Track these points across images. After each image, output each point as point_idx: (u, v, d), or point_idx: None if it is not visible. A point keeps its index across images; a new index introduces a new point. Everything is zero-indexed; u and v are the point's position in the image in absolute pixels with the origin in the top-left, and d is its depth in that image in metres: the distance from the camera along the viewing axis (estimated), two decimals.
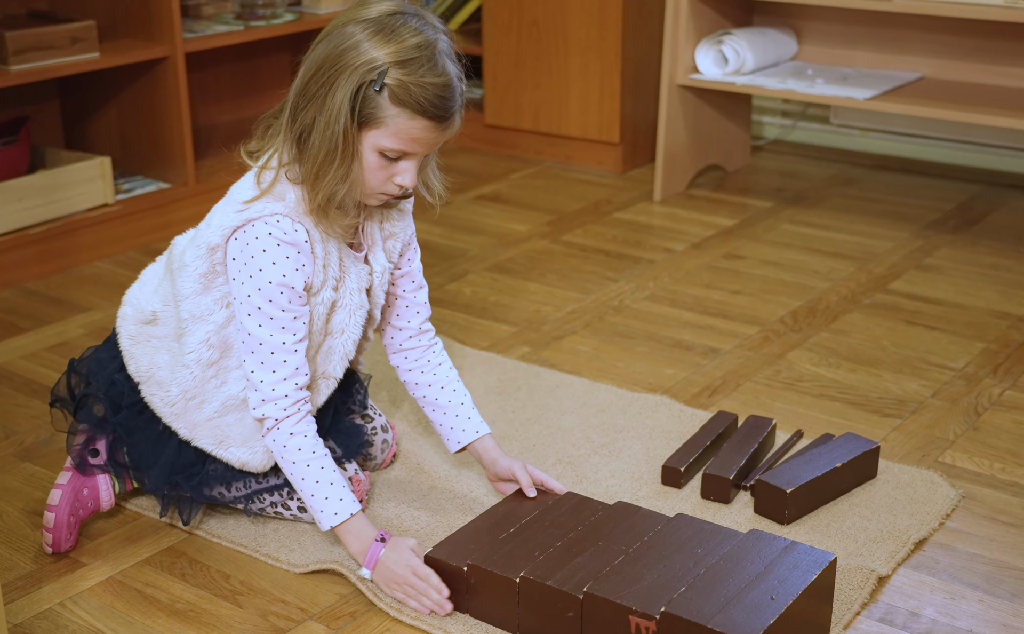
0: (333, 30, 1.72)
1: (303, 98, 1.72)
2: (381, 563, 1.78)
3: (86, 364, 2.00)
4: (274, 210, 1.75)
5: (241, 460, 1.92)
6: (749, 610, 1.60)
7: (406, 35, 1.69)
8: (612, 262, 3.13)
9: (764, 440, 2.16)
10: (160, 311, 1.91)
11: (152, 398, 1.92)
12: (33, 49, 3.03)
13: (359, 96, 1.68)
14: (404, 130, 1.71)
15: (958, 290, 2.91)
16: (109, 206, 3.19)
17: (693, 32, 3.52)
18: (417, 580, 1.76)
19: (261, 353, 1.78)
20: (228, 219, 1.78)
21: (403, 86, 1.68)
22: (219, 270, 1.82)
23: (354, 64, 1.67)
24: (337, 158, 1.70)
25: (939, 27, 3.46)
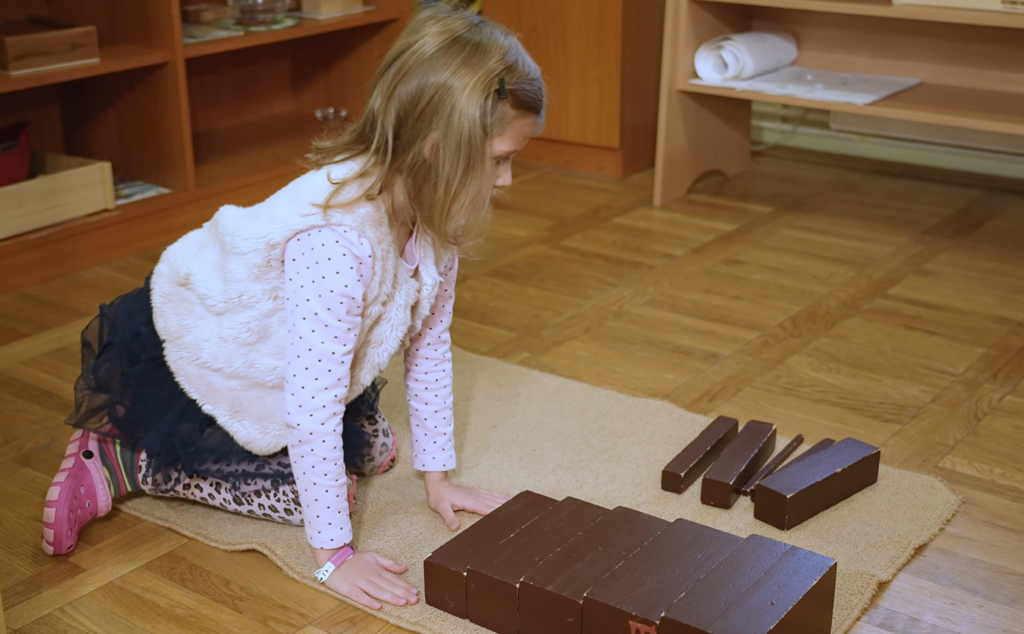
0: (426, 57, 1.72)
1: (417, 124, 1.72)
2: (351, 561, 1.84)
3: (115, 311, 2.00)
4: (342, 220, 1.75)
5: (249, 437, 1.92)
6: (749, 615, 1.60)
7: (496, 42, 1.73)
8: (612, 267, 3.13)
9: (764, 445, 2.16)
10: (195, 276, 1.90)
11: (177, 359, 1.92)
12: (33, 54, 3.03)
13: (486, 108, 1.70)
14: (519, 130, 1.76)
15: (958, 295, 2.91)
16: (109, 211, 3.19)
17: (693, 37, 3.52)
18: (387, 574, 1.84)
19: (308, 358, 1.78)
20: (293, 220, 1.77)
21: (520, 88, 1.73)
22: (274, 265, 1.82)
23: (473, 78, 1.69)
24: (473, 174, 1.72)
25: (938, 32, 3.46)
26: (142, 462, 1.99)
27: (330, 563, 1.84)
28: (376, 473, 2.14)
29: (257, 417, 1.92)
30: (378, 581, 1.82)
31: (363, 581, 1.82)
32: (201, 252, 1.93)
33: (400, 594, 1.80)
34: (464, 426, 2.31)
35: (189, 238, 1.99)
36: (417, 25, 1.76)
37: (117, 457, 1.99)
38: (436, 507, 2.04)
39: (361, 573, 1.83)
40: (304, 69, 4.13)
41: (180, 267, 1.92)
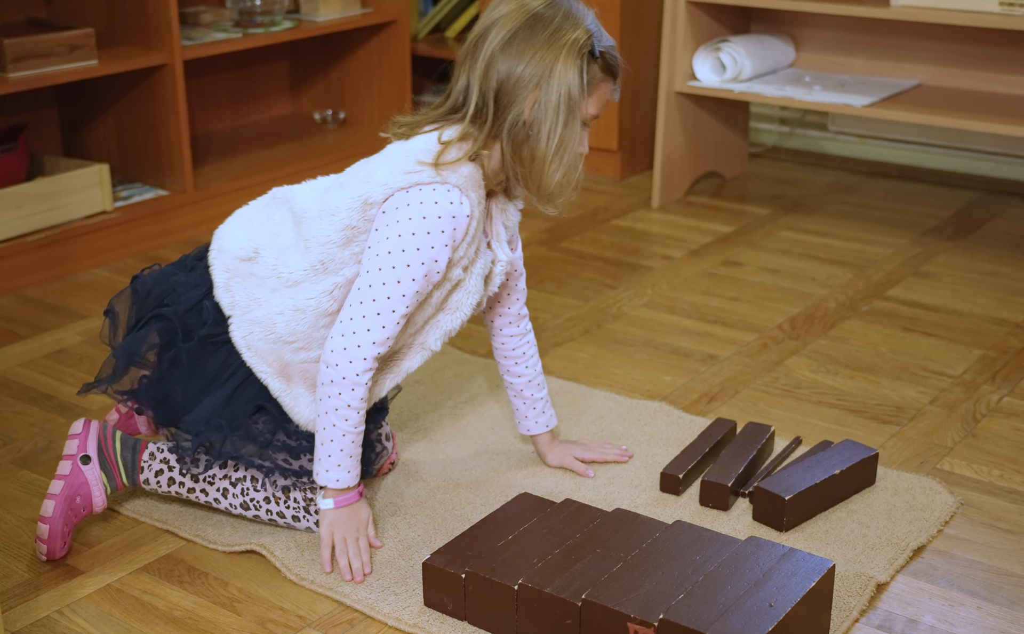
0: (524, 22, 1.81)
1: (517, 87, 1.81)
2: (349, 509, 1.88)
3: (161, 284, 1.98)
4: (447, 179, 1.81)
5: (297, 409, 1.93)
6: (747, 617, 1.60)
7: (582, 11, 1.85)
8: (610, 269, 3.13)
9: (763, 447, 2.16)
10: (265, 249, 1.91)
11: (247, 334, 1.91)
12: (32, 57, 3.03)
13: (584, 68, 1.82)
14: (603, 94, 1.88)
15: (956, 297, 2.91)
16: (107, 213, 3.19)
17: (691, 39, 3.52)
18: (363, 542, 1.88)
19: (369, 308, 1.82)
20: (395, 179, 1.81)
21: (608, 52, 1.86)
22: (366, 227, 1.84)
23: (567, 40, 1.81)
24: (571, 130, 1.82)
25: (937, 34, 3.46)
26: (143, 463, 1.99)
27: (332, 500, 1.88)
28: (375, 475, 2.14)
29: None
30: (352, 545, 1.87)
31: (340, 536, 1.87)
32: (265, 226, 1.93)
33: (356, 568, 1.86)
34: (463, 427, 2.31)
35: (240, 216, 1.99)
36: (497, 2, 1.87)
37: (116, 457, 1.98)
38: (560, 464, 2.16)
39: (344, 527, 1.88)
40: (302, 71, 4.13)
41: (243, 242, 1.93)
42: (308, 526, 1.96)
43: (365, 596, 1.82)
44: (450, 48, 4.21)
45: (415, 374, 2.47)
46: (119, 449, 1.98)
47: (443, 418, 2.34)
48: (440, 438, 2.28)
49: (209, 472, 1.97)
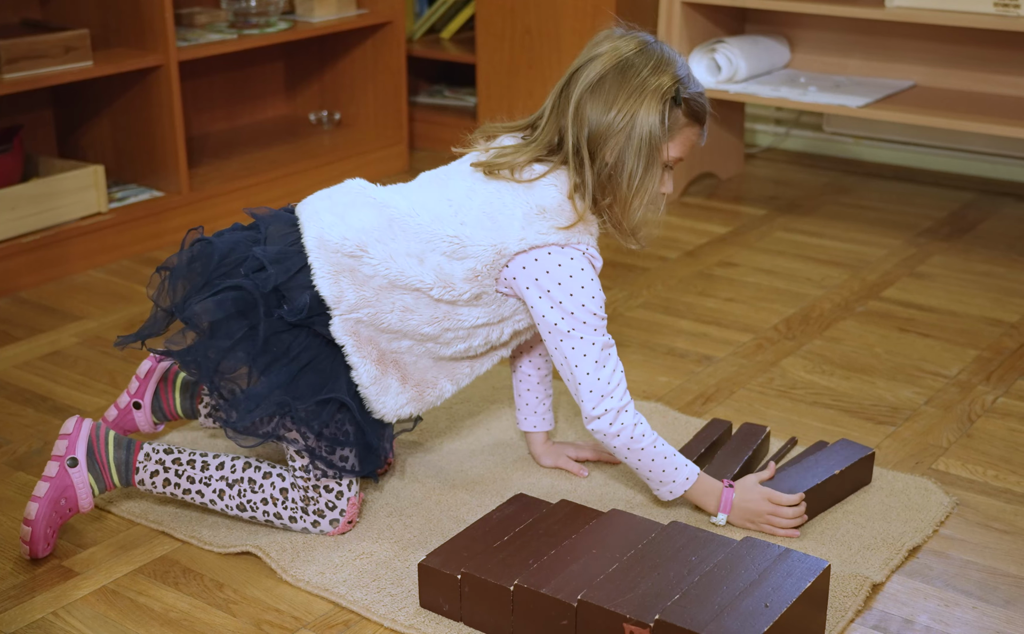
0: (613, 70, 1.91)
1: (607, 135, 1.89)
2: (736, 506, 1.97)
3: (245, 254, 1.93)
4: (581, 240, 1.93)
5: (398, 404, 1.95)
6: (743, 618, 1.60)
7: (671, 57, 1.93)
8: (606, 269, 3.12)
9: (758, 448, 2.16)
10: (369, 247, 1.90)
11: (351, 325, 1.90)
12: (26, 58, 3.03)
13: (665, 113, 1.89)
14: (688, 138, 1.96)
15: (951, 297, 2.91)
16: (102, 215, 3.19)
17: (686, 40, 3.52)
18: (774, 506, 1.95)
19: (595, 353, 1.92)
20: (531, 236, 1.90)
21: (693, 99, 1.93)
22: (493, 272, 1.91)
23: (652, 87, 1.89)
24: (653, 176, 1.91)
25: (931, 35, 3.47)
26: (139, 464, 1.98)
27: (721, 513, 1.97)
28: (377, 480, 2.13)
29: (419, 383, 1.98)
30: (771, 519, 1.96)
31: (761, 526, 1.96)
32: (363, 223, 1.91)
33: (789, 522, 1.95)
34: (460, 429, 2.31)
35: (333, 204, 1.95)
36: (600, 40, 1.97)
37: (108, 458, 1.97)
38: (555, 464, 2.18)
39: (755, 516, 1.96)
40: (298, 72, 4.13)
41: (348, 236, 1.90)
42: (305, 526, 1.96)
43: (361, 597, 1.82)
44: (445, 49, 4.21)
45: None
46: (111, 450, 1.97)
47: (439, 419, 2.34)
48: (436, 439, 2.28)
49: (206, 474, 1.97)
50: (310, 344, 1.92)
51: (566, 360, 1.92)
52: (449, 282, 1.90)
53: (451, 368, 2.00)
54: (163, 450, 1.99)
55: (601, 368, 1.91)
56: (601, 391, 1.91)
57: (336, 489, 1.95)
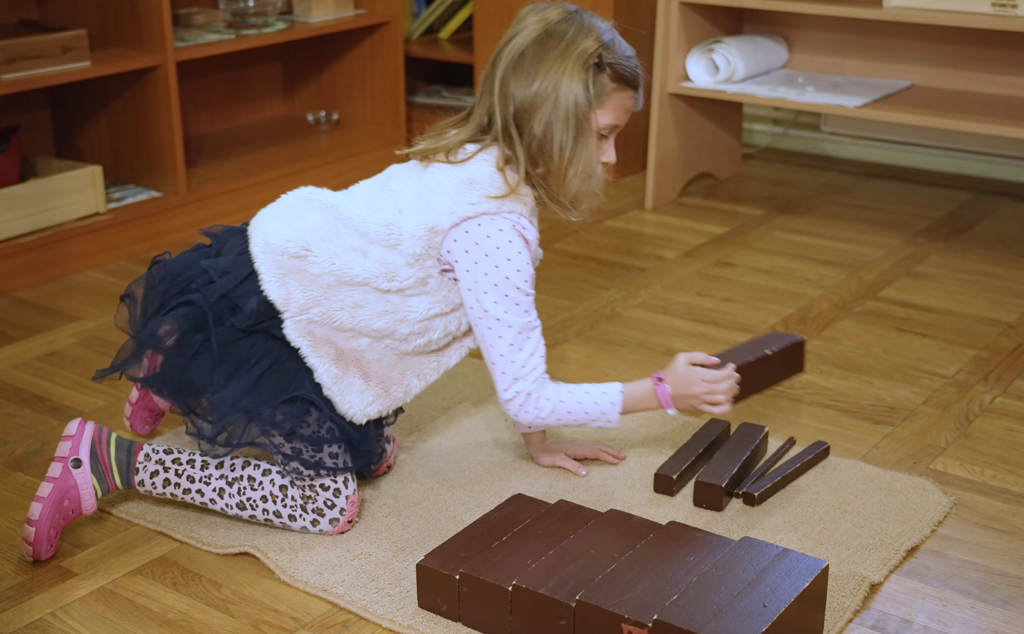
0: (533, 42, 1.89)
1: (532, 108, 1.89)
2: (676, 398, 1.97)
3: (197, 269, 1.97)
4: (513, 208, 1.91)
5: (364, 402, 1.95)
6: (741, 617, 1.60)
7: (595, 23, 1.91)
8: (604, 270, 3.13)
9: (756, 448, 2.17)
10: (313, 246, 1.91)
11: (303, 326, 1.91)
12: (24, 58, 3.03)
13: (588, 80, 1.87)
14: (620, 103, 1.93)
15: (949, 297, 2.92)
16: (100, 215, 3.19)
17: (684, 40, 3.52)
18: (710, 383, 1.96)
19: (511, 335, 1.91)
20: (462, 208, 1.89)
21: (618, 62, 1.91)
22: (432, 252, 1.90)
23: (574, 54, 1.87)
24: (583, 144, 1.90)
25: (929, 35, 3.47)
26: (139, 465, 1.98)
27: (670, 410, 1.98)
28: (372, 478, 2.14)
29: (382, 379, 1.97)
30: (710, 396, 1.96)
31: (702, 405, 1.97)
32: (309, 226, 1.93)
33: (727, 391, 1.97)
34: (458, 428, 2.31)
35: (280, 211, 1.98)
36: (523, 15, 1.94)
37: (110, 460, 1.98)
38: (552, 463, 2.17)
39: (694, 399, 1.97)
40: (295, 72, 4.13)
41: (292, 237, 1.92)
42: (304, 525, 1.96)
43: (359, 597, 1.82)
44: (443, 49, 4.21)
45: None
46: (113, 452, 1.98)
47: (437, 419, 2.34)
48: (434, 439, 2.28)
49: (205, 472, 1.97)
50: (271, 348, 1.94)
51: (483, 338, 1.93)
52: (392, 271, 1.91)
53: (416, 363, 2.01)
54: (163, 450, 1.99)
55: (517, 351, 1.91)
56: (515, 374, 1.92)
57: (333, 487, 1.95)
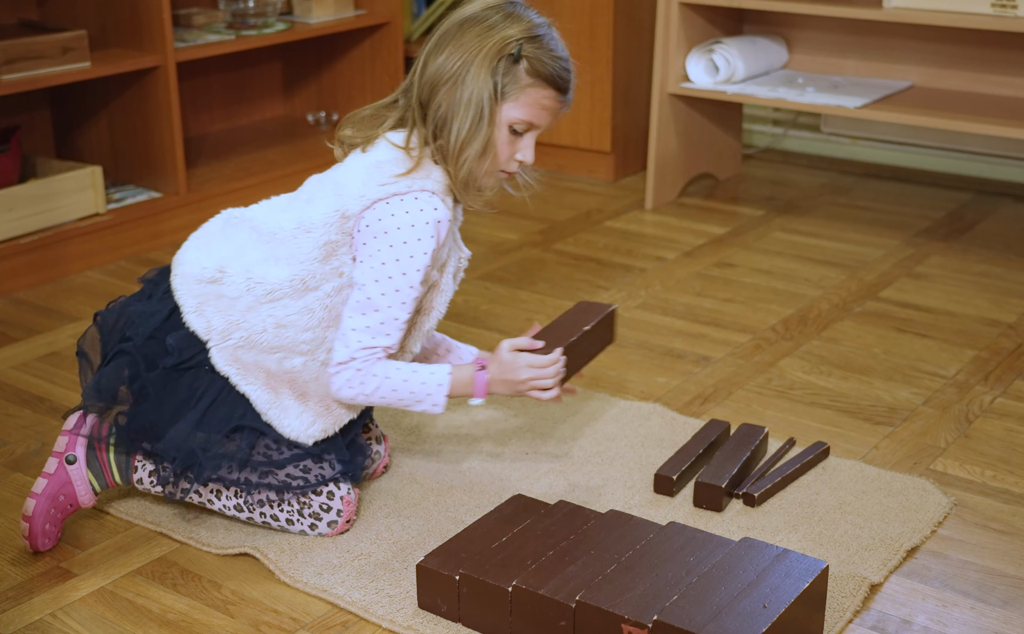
0: (457, 22, 1.85)
1: (439, 81, 1.84)
2: (498, 381, 1.91)
3: (120, 317, 1.98)
4: (423, 185, 1.85)
5: (304, 424, 1.93)
6: (741, 618, 1.60)
7: (529, 16, 1.87)
8: (603, 270, 3.13)
9: (756, 448, 2.17)
10: (231, 267, 1.90)
11: (229, 353, 1.90)
12: (24, 58, 3.03)
13: (499, 69, 1.83)
14: (535, 100, 1.86)
15: (949, 298, 2.92)
16: (100, 215, 3.19)
17: (684, 41, 3.52)
18: (537, 369, 1.89)
19: (372, 318, 1.86)
20: (371, 190, 1.84)
21: (537, 58, 1.85)
22: (344, 240, 1.86)
23: (491, 40, 1.83)
24: (481, 131, 1.83)
25: (929, 36, 3.47)
26: (138, 463, 1.98)
27: (477, 398, 1.92)
28: (369, 479, 2.14)
29: (320, 398, 1.94)
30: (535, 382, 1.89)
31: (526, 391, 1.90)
32: (225, 247, 1.93)
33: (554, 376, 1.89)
34: (457, 428, 2.31)
35: (198, 239, 1.99)
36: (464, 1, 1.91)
37: (109, 457, 1.98)
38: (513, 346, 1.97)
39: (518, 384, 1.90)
40: (295, 73, 4.13)
41: (205, 263, 1.92)
42: (302, 529, 1.96)
43: (359, 598, 1.82)
44: None
45: None
46: (112, 453, 1.98)
47: (437, 419, 2.34)
48: (434, 439, 2.28)
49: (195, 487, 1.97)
50: (213, 381, 1.93)
51: (348, 305, 1.87)
52: (306, 271, 1.87)
53: None
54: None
55: (370, 336, 1.86)
56: (353, 353, 1.86)
57: (326, 490, 1.95)
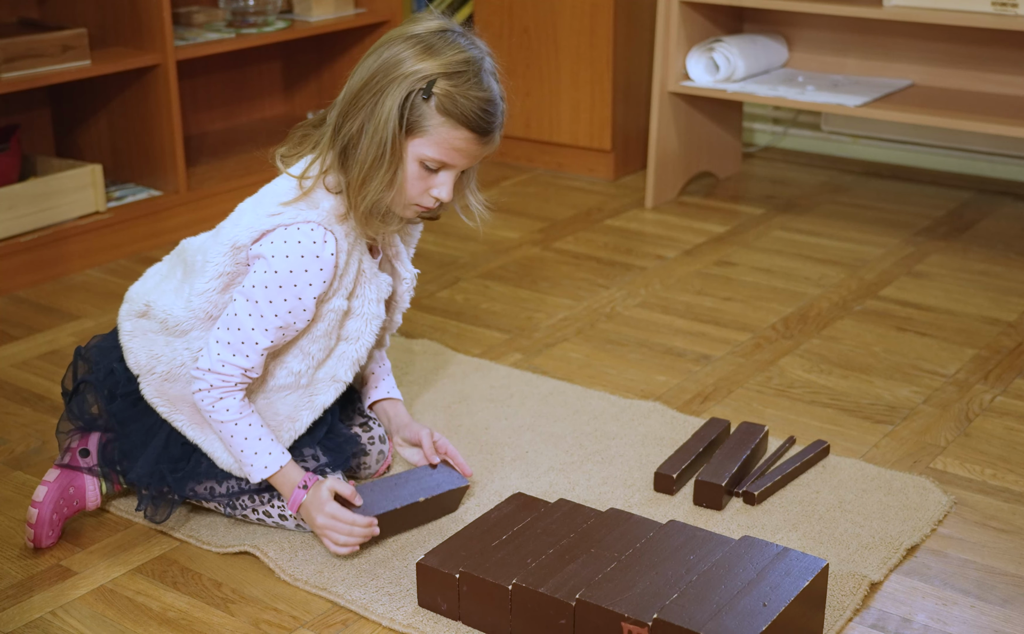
0: (382, 45, 1.78)
1: (352, 108, 1.77)
2: (303, 508, 1.86)
3: (91, 352, 2.02)
4: (308, 217, 1.80)
5: (217, 453, 1.93)
6: (741, 617, 1.60)
7: (454, 51, 1.77)
8: (604, 269, 3.13)
9: (756, 447, 2.17)
10: (155, 303, 1.92)
11: (155, 389, 1.92)
12: (24, 57, 3.03)
13: (408, 103, 1.75)
14: (446, 140, 1.77)
15: (949, 296, 2.92)
16: (100, 214, 3.19)
17: (684, 39, 3.52)
18: (332, 522, 1.83)
19: (234, 335, 1.83)
20: (260, 221, 1.81)
21: (450, 96, 1.75)
22: (241, 270, 1.85)
23: (404, 73, 1.75)
24: (384, 163, 1.76)
25: (929, 34, 3.47)
26: None
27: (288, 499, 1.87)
28: (371, 478, 2.14)
29: None
30: (336, 533, 1.83)
31: (328, 539, 1.85)
32: (162, 283, 1.96)
33: (360, 535, 1.83)
34: (457, 428, 2.31)
35: (149, 273, 2.03)
36: (409, 21, 1.83)
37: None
38: (413, 440, 2.03)
39: (318, 528, 1.85)
40: (296, 71, 4.13)
41: (139, 299, 1.95)
42: (299, 523, 1.96)
43: (359, 596, 1.82)
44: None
45: (409, 374, 2.47)
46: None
47: (437, 418, 2.34)
48: None
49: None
50: None
51: (225, 314, 1.83)
52: (209, 298, 1.87)
53: (284, 407, 1.94)
54: None
55: (229, 351, 1.82)
56: (211, 364, 1.83)
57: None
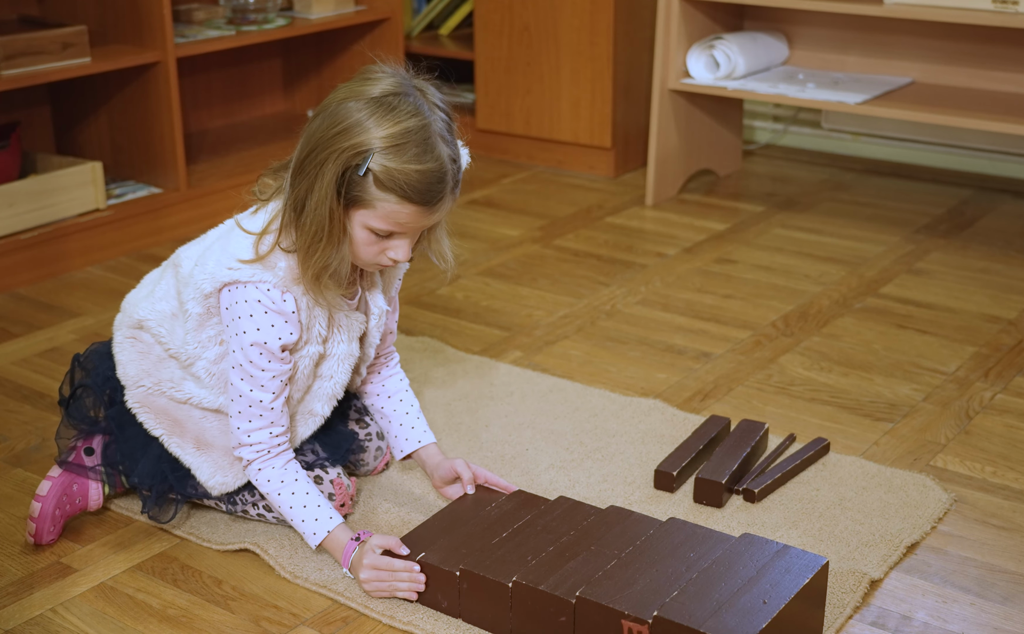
0: (331, 104, 1.72)
1: (299, 172, 1.73)
2: (352, 569, 1.83)
3: (90, 358, 2.03)
4: (263, 278, 1.78)
5: (213, 472, 1.94)
6: (741, 614, 1.60)
7: (400, 118, 1.68)
8: (604, 266, 3.13)
9: (757, 444, 2.17)
10: (149, 321, 1.93)
11: (139, 398, 1.94)
12: (24, 54, 3.03)
13: (345, 179, 1.69)
14: (390, 213, 1.72)
15: (949, 294, 2.92)
16: (100, 211, 3.19)
17: (684, 37, 3.52)
18: (377, 572, 1.79)
19: (240, 404, 1.84)
20: (220, 272, 1.80)
21: (387, 172, 1.68)
22: (213, 312, 1.85)
23: (342, 147, 1.68)
24: (325, 236, 1.72)
25: (930, 32, 3.47)
26: None
27: (345, 569, 1.84)
28: (370, 475, 2.14)
29: (225, 450, 1.94)
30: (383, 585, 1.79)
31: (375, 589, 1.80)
32: (153, 294, 1.96)
33: (408, 586, 1.78)
34: (457, 426, 2.31)
35: (144, 281, 2.03)
36: (368, 71, 1.76)
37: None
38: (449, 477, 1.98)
39: (366, 583, 1.81)
40: (296, 69, 4.13)
41: (133, 312, 1.96)
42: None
43: (359, 594, 1.82)
44: (444, 46, 4.21)
45: (409, 371, 2.47)
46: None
47: (437, 416, 2.34)
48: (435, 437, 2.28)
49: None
50: None
51: (230, 385, 1.85)
52: (196, 337, 1.88)
53: None
54: None
55: (245, 421, 1.84)
56: (239, 439, 1.85)
57: (313, 475, 1.95)
